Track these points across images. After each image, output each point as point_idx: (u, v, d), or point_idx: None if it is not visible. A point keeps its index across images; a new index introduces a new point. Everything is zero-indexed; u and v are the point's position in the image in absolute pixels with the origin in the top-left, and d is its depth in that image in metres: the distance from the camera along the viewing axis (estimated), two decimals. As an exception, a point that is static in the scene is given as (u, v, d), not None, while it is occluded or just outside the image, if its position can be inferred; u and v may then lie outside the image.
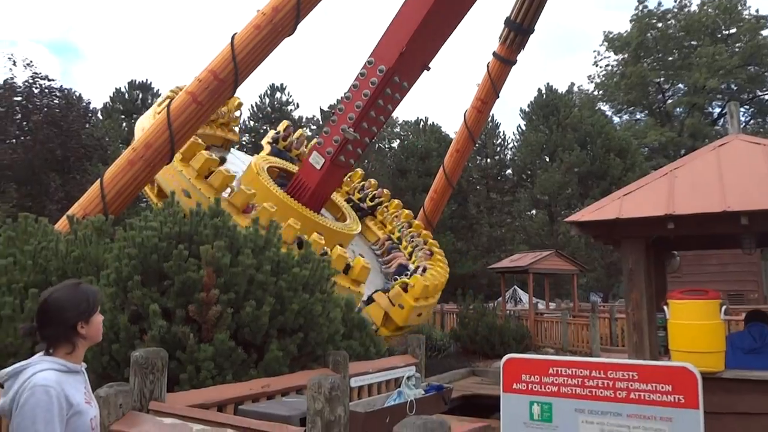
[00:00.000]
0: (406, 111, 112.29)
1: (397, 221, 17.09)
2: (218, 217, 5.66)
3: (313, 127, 45.33)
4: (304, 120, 43.61)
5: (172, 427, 3.37)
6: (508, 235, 36.80)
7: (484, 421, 10.34)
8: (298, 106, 44.69)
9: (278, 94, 44.05)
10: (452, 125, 73.83)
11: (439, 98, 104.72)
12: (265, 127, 38.74)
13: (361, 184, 18.05)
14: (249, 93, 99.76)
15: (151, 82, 40.65)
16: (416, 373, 8.38)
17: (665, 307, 5.31)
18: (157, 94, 37.79)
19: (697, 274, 19.45)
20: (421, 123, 41.50)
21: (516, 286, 30.82)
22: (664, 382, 2.56)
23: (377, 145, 38.32)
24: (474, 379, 14.36)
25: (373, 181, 18.52)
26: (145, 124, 13.00)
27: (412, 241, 16.47)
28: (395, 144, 46.17)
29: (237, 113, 17.60)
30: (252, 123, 42.70)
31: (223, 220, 5.61)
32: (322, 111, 41.02)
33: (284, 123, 18.45)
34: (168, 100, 12.00)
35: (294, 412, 4.11)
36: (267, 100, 43.81)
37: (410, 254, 15.96)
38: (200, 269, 5.07)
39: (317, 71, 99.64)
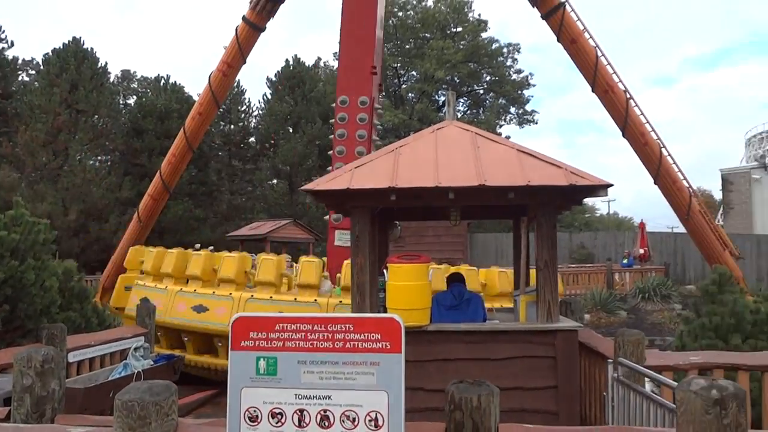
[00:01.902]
0: (145, 65, 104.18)
1: None
2: None
3: (32, 72, 39.58)
4: (20, 62, 37.71)
5: None
6: (248, 203, 36.80)
7: (215, 388, 10.39)
8: (12, 44, 38.43)
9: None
10: (196, 86, 70.64)
11: (184, 56, 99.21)
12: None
13: None
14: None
15: None
16: (145, 344, 8.04)
17: (385, 271, 5.90)
18: None
19: (417, 244, 21.80)
20: (162, 81, 38.93)
21: (255, 254, 31.03)
22: (374, 332, 2.88)
23: (111, 101, 34.94)
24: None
25: None
26: None
27: None
28: (131, 101, 42.70)
29: None
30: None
31: None
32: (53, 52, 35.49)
33: None
34: None
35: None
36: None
37: None
38: None
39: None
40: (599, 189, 5.68)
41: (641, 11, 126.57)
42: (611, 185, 5.57)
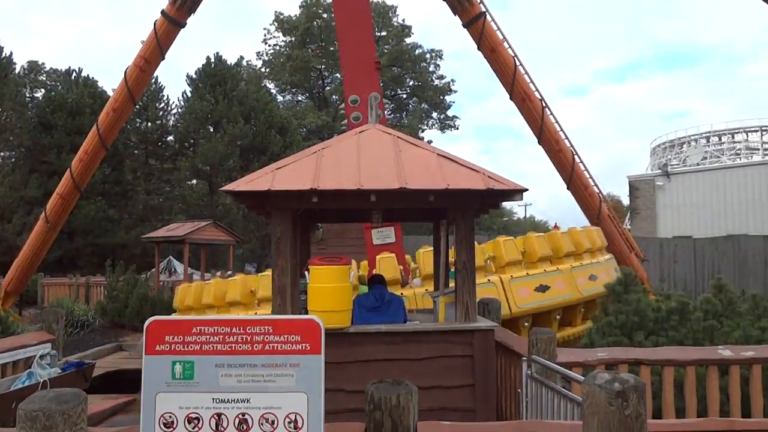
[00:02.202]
0: (54, 57, 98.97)
1: None
2: None
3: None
4: None
5: None
6: (166, 204, 35.64)
7: (130, 396, 9.99)
8: None
9: None
10: (111, 81, 67.70)
11: (97, 49, 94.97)
12: None
13: None
14: None
15: None
16: (51, 351, 7.64)
17: (306, 273, 5.87)
18: None
19: (340, 246, 21.74)
20: (74, 74, 37.06)
21: (171, 257, 30.10)
22: (294, 333, 2.88)
23: (17, 93, 32.93)
24: (122, 354, 13.78)
25: None
26: None
27: None
28: (39, 94, 40.44)
29: None
30: None
31: None
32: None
33: None
34: None
35: None
36: None
37: None
38: None
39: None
40: (515, 193, 5.90)
41: (557, 25, 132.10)
42: (526, 190, 5.80)
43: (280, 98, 51.10)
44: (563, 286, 11.26)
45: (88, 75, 37.12)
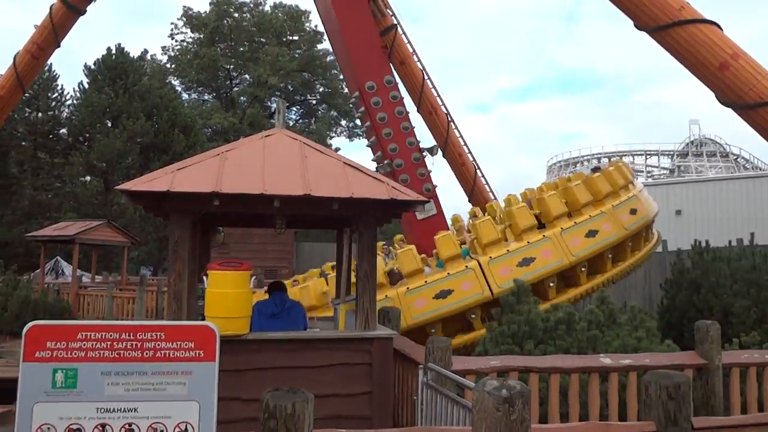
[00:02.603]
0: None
1: None
2: None
3: None
4: None
5: None
6: (55, 200, 33.46)
7: (4, 407, 9.28)
8: None
9: None
10: (-3, 67, 62.85)
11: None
12: None
13: None
14: None
15: None
16: None
17: (205, 278, 5.72)
18: None
19: (242, 251, 21.34)
20: (-46, 56, 34.17)
21: (59, 257, 28.31)
22: (187, 340, 2.80)
23: None
24: (-1, 361, 12.75)
25: None
26: None
27: None
28: None
29: None
30: None
31: None
32: None
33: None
34: None
35: None
36: None
37: None
38: None
39: None
40: (416, 204, 6.05)
41: (466, 43, 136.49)
42: (428, 201, 5.97)
43: (185, 96, 49.55)
44: (610, 227, 11.45)
45: (-29, 58, 34.37)
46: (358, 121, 54.10)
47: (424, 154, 13.26)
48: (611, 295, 8.29)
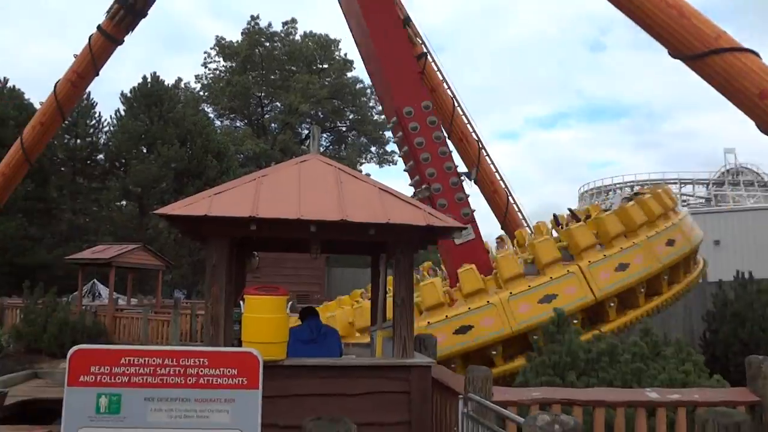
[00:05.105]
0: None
1: None
2: None
3: None
4: None
5: None
6: (92, 224, 34.17)
7: (45, 428, 9.32)
8: None
9: None
10: (39, 94, 64.93)
11: (23, 59, 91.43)
12: None
13: None
14: None
15: None
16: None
17: (241, 302, 5.69)
18: None
19: (275, 275, 21.39)
20: (-1, 85, 35.40)
21: (96, 280, 28.76)
22: (230, 366, 2.75)
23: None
24: (37, 382, 12.88)
25: None
26: None
27: None
28: (-41, 103, 38.23)
29: None
30: None
31: None
32: None
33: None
34: None
35: None
36: None
37: None
38: None
39: None
40: (454, 230, 5.96)
41: (493, 71, 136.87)
42: (465, 227, 5.88)
43: (218, 123, 50.43)
44: (642, 260, 11.06)
45: (14, 86, 35.53)
46: (387, 148, 54.59)
47: (462, 178, 13.07)
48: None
